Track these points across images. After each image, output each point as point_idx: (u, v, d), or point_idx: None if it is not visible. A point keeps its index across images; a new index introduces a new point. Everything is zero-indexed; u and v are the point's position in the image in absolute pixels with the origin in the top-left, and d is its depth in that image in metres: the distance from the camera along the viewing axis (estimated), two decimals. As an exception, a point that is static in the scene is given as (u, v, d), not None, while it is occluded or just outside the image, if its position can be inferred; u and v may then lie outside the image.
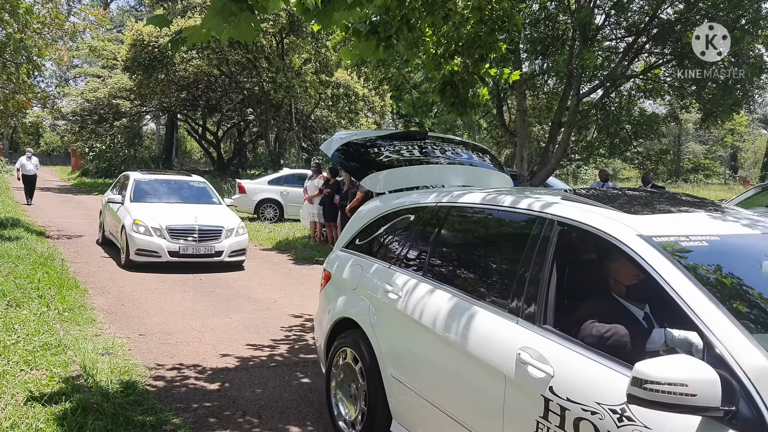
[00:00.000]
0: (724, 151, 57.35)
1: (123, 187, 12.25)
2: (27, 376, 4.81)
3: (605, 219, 2.81)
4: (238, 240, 10.90)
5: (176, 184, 12.71)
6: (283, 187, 18.26)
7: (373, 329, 3.88)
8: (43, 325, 6.15)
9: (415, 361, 3.53)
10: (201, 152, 52.17)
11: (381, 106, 32.92)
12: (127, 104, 33.54)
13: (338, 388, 4.30)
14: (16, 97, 16.14)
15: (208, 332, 6.78)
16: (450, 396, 3.22)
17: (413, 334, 3.55)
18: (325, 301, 4.71)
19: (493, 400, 2.86)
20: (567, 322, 2.78)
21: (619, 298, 2.83)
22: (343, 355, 4.24)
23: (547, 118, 16.57)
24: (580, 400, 2.44)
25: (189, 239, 10.43)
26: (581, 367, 2.52)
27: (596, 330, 2.66)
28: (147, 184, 12.21)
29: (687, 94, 14.33)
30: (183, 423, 4.36)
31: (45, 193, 23.41)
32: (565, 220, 2.96)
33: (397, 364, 3.67)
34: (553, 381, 2.57)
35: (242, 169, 32.60)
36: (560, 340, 2.68)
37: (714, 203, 3.47)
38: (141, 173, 13.00)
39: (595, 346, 2.56)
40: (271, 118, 31.03)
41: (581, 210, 2.96)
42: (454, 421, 3.12)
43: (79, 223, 15.96)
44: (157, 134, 51.96)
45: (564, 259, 3.00)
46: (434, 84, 6.90)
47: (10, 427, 3.82)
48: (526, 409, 2.68)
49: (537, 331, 2.79)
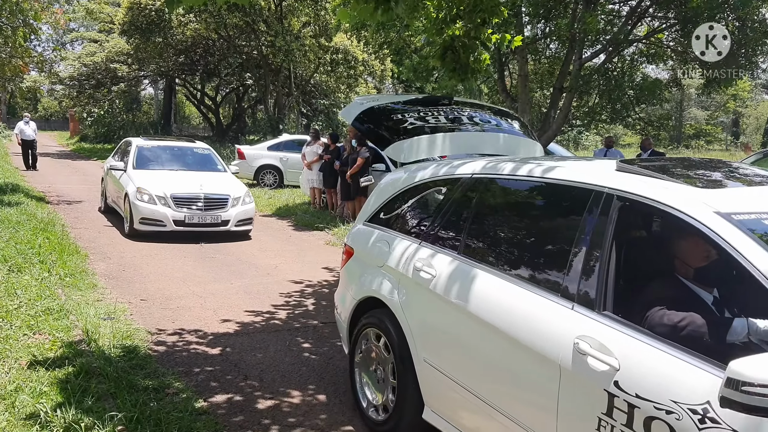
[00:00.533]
0: (726, 117, 57.06)
1: (125, 153, 11.94)
2: (30, 340, 4.86)
3: (675, 194, 2.52)
4: (245, 209, 10.61)
5: (180, 150, 12.37)
6: (283, 153, 18.17)
7: (403, 310, 3.61)
8: (44, 290, 6.18)
9: (453, 346, 3.27)
10: (200, 118, 51.84)
11: (381, 71, 32.61)
12: (125, 69, 33.27)
13: (363, 370, 4.10)
14: (12, 61, 16.01)
15: (209, 298, 6.82)
16: (494, 385, 2.98)
17: (450, 318, 3.29)
18: (347, 278, 4.45)
19: (545, 392, 2.62)
20: (629, 308, 2.53)
21: (686, 280, 2.58)
22: (368, 335, 4.01)
23: (549, 83, 16.41)
24: (652, 397, 2.20)
25: (194, 208, 10.15)
26: (652, 360, 2.28)
27: (668, 318, 2.39)
28: (150, 150, 11.88)
29: (690, 59, 14.17)
30: (185, 387, 4.41)
31: (44, 159, 23.32)
32: (626, 195, 2.67)
33: (431, 348, 3.41)
34: (619, 375, 2.32)
35: (241, 135, 32.39)
36: (624, 328, 2.42)
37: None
38: (143, 139, 12.65)
39: (667, 337, 2.31)
40: (270, 83, 30.77)
41: (645, 183, 2.66)
42: (499, 413, 2.89)
43: (79, 189, 15.95)
44: (155, 99, 51.62)
45: (624, 237, 2.73)
46: (435, 49, 6.80)
47: (14, 391, 3.87)
48: (585, 404, 2.45)
49: (596, 318, 2.53)
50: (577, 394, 2.50)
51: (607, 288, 2.58)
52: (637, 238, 2.91)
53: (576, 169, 3.12)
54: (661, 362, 2.25)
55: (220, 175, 11.50)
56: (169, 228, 9.96)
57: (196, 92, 40.67)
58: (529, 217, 3.47)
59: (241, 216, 10.50)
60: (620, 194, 2.69)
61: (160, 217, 9.96)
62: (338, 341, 5.60)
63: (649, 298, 2.52)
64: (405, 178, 4.29)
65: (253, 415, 4.10)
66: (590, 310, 2.57)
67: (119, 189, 10.92)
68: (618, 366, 2.34)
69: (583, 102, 15.74)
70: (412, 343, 3.51)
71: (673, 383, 2.17)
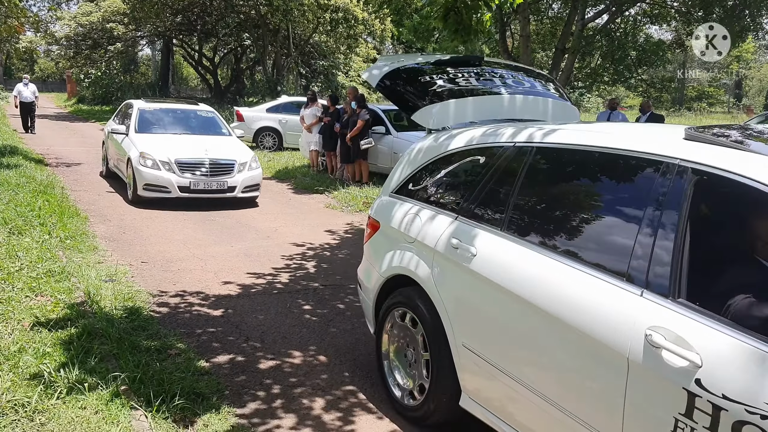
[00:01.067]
0: (729, 79, 56.54)
1: (126, 116, 11.61)
2: (32, 302, 4.88)
3: (762, 168, 2.22)
4: (252, 175, 10.25)
5: (183, 113, 11.97)
6: (282, 115, 18.04)
7: (438, 290, 3.35)
8: (45, 252, 6.20)
9: (497, 331, 3.01)
10: (197, 79, 51.36)
11: (381, 30, 32.18)
12: (121, 29, 32.81)
13: (392, 352, 3.87)
14: (8, 21, 15.78)
15: (210, 260, 6.85)
16: (547, 377, 2.72)
17: (494, 300, 3.01)
18: (372, 253, 4.17)
19: (610, 387, 2.38)
20: (708, 296, 2.24)
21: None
22: (397, 315, 3.77)
23: (551, 44, 16.25)
24: (743, 399, 1.96)
25: (199, 174, 9.79)
26: (743, 356, 2.02)
27: (759, 310, 2.11)
28: (152, 113, 11.50)
29: (694, 19, 13.99)
30: (187, 348, 4.46)
31: (42, 121, 23.17)
32: (702, 167, 2.37)
33: (471, 332, 3.15)
34: (702, 372, 2.08)
35: (240, 97, 32.12)
36: (704, 319, 2.16)
37: None
38: (145, 102, 12.20)
39: (759, 330, 2.03)
40: (268, 43, 30.41)
41: (724, 155, 2.37)
42: (553, 407, 2.65)
43: (78, 151, 15.89)
44: (152, 60, 51.04)
45: (701, 215, 2.43)
46: (437, 9, 6.71)
47: (17, 351, 3.90)
48: (659, 403, 2.21)
49: (671, 307, 2.25)
50: (649, 391, 2.25)
51: (682, 272, 2.30)
52: (716, 216, 2.55)
53: (638, 137, 2.82)
54: (754, 360, 2.00)
55: (226, 140, 11.17)
56: (174, 195, 9.65)
57: (193, 53, 40.19)
58: (585, 191, 3.06)
59: (248, 182, 10.16)
60: (695, 167, 2.40)
61: (165, 183, 9.63)
62: (339, 303, 5.65)
63: (732, 285, 2.26)
64: (436, 146, 3.96)
65: (254, 375, 4.15)
66: (663, 297, 2.31)
67: (121, 153, 10.62)
68: (700, 362, 2.10)
69: (585, 63, 15.60)
70: (449, 326, 3.27)
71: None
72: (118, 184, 11.15)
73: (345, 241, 8.10)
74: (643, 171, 2.66)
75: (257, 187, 10.46)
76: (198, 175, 9.81)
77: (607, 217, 2.80)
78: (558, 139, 3.15)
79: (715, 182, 2.35)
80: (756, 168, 2.23)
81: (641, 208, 2.53)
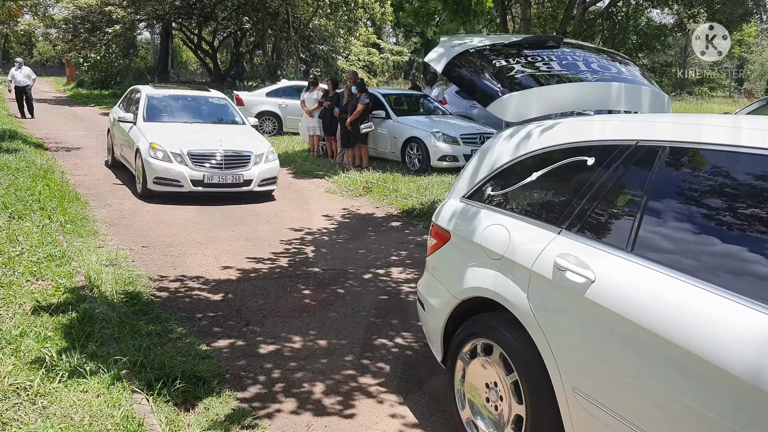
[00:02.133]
0: (730, 63, 56.24)
1: (132, 103, 10.96)
2: (33, 286, 4.90)
3: None
4: (269, 167, 9.57)
5: (193, 100, 11.23)
6: (282, 100, 17.98)
7: (537, 320, 2.68)
8: (46, 236, 6.21)
9: (630, 378, 2.27)
10: (197, 63, 51.09)
11: (381, 14, 31.99)
12: (120, 12, 32.60)
13: (469, 393, 3.17)
14: (6, 4, 15.68)
15: (210, 245, 6.86)
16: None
17: (624, 340, 2.28)
18: (440, 268, 3.56)
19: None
20: None
21: None
22: (479, 349, 3.08)
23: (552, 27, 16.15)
24: None
25: (214, 166, 9.12)
26: None
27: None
28: (160, 100, 10.79)
29: (696, 3, 13.91)
30: (188, 332, 4.48)
31: (41, 105, 23.09)
32: None
33: (587, 376, 2.46)
34: None
35: (239, 81, 31.98)
36: None
37: None
38: (153, 87, 11.34)
39: None
40: (267, 27, 30.23)
41: None
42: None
43: (77, 136, 15.86)
44: (152, 44, 50.80)
45: None
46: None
47: (19, 335, 3.92)
48: None
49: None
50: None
51: None
52: None
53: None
54: None
55: (240, 129, 10.61)
56: (187, 189, 9.01)
57: (193, 37, 39.99)
58: (746, 203, 2.24)
59: (264, 175, 9.48)
60: None
61: (177, 177, 8.97)
62: (339, 288, 5.67)
63: None
64: (522, 144, 3.30)
65: (255, 359, 4.17)
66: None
67: (129, 143, 9.96)
68: None
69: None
70: (553, 366, 2.59)
71: None
72: (122, 173, 10.74)
73: (344, 226, 8.10)
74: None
75: (274, 180, 9.78)
76: (214, 168, 9.16)
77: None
78: (689, 136, 2.51)
79: None
80: None
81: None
